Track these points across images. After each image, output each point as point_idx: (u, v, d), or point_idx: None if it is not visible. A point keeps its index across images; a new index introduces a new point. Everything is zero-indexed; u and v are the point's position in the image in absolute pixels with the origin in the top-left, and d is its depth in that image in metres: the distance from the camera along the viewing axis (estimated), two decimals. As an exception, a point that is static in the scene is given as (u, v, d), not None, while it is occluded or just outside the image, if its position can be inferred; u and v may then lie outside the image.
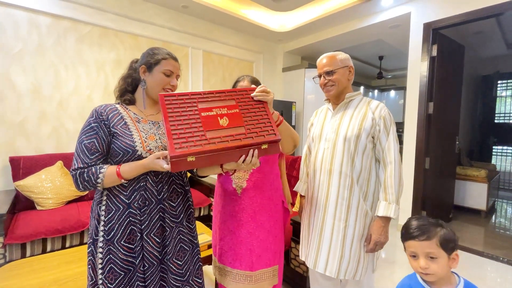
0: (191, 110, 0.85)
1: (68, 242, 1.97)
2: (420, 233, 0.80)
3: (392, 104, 6.35)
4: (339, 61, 1.19)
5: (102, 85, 2.73)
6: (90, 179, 0.85)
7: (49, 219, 1.94)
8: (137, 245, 0.90)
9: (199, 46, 3.46)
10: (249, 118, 0.89)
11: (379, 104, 1.17)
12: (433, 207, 2.97)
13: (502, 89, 5.11)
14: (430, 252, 0.79)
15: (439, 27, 2.72)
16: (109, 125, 0.90)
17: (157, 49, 0.99)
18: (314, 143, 1.29)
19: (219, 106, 0.88)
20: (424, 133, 2.82)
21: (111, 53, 2.77)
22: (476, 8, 2.46)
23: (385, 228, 1.11)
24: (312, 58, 4.90)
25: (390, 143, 1.12)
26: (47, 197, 2.15)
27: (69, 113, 2.56)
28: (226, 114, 0.87)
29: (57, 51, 2.46)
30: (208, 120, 0.84)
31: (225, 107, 0.88)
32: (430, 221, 0.84)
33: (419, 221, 0.84)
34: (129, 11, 2.82)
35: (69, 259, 1.51)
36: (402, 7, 2.95)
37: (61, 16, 2.45)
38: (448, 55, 2.96)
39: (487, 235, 3.01)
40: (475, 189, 3.56)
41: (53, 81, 2.46)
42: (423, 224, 0.82)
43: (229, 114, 0.88)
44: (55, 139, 2.51)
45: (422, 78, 2.81)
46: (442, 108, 2.93)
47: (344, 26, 3.55)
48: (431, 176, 2.90)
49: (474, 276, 2.11)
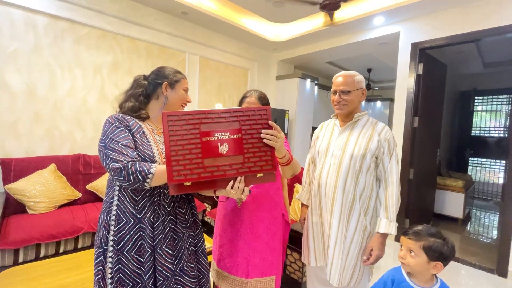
0: (192, 133, 0.83)
1: (62, 248, 1.94)
2: (411, 233, 0.99)
3: (378, 114, 6.64)
4: (356, 82, 1.23)
5: (98, 88, 2.71)
6: (143, 170, 0.83)
7: (42, 224, 1.91)
8: (147, 260, 0.91)
9: (196, 52, 3.49)
10: (250, 145, 0.88)
11: (384, 127, 1.25)
12: (415, 215, 3.15)
13: (478, 105, 5.48)
14: (412, 249, 0.97)
15: (425, 48, 2.92)
16: (131, 131, 0.93)
17: (168, 68, 1.06)
18: (320, 157, 1.34)
19: (221, 130, 0.86)
20: (409, 145, 3.00)
21: (108, 56, 2.75)
22: (458, 33, 2.67)
23: (384, 243, 1.19)
24: (304, 67, 5.05)
25: (393, 165, 1.20)
26: (40, 200, 2.11)
27: (64, 114, 2.52)
28: (227, 140, 0.86)
29: (54, 51, 2.42)
30: (208, 146, 0.84)
31: (228, 131, 0.86)
32: (430, 231, 0.97)
33: (421, 227, 0.99)
34: (129, 15, 2.82)
35: (68, 266, 1.50)
36: (392, 26, 3.13)
37: (59, 16, 2.42)
38: (432, 73, 3.17)
39: (462, 241, 3.23)
40: (453, 198, 3.81)
41: (48, 82, 2.41)
42: (420, 230, 0.98)
43: (230, 140, 0.86)
44: (49, 141, 2.45)
45: (409, 93, 3.00)
46: (426, 122, 3.13)
47: (337, 40, 3.70)
48: (414, 186, 3.08)
49: (450, 280, 2.28)
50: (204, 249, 1.11)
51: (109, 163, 0.84)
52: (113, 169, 0.82)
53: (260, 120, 0.91)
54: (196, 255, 1.07)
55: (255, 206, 1.24)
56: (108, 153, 0.85)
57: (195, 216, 1.09)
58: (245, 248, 1.22)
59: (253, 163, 0.89)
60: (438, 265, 0.94)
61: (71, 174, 2.41)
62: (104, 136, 0.90)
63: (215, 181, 0.87)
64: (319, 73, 5.52)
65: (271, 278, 1.25)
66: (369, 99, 6.75)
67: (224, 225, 1.30)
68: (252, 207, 1.24)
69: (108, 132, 0.90)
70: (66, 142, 2.56)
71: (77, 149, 2.61)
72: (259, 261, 1.21)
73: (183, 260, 0.98)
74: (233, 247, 1.25)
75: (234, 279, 1.23)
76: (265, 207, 1.25)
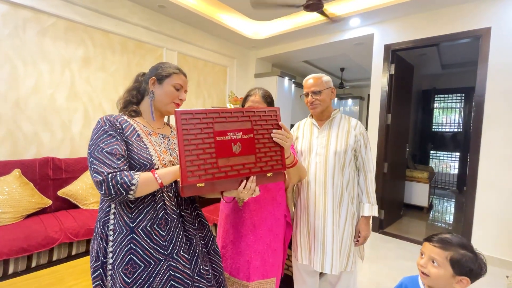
0: (206, 132, 0.82)
1: (35, 262, 1.76)
2: (437, 240, 0.86)
3: (349, 111, 6.98)
4: (324, 82, 1.35)
5: (67, 84, 2.47)
6: (124, 181, 0.76)
7: (9, 237, 1.70)
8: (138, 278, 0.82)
9: (174, 47, 3.35)
10: (261, 145, 0.90)
11: (357, 122, 1.38)
12: (389, 205, 3.40)
13: (437, 103, 6.03)
14: (435, 258, 0.84)
15: (396, 49, 3.13)
16: (123, 135, 0.87)
17: (167, 63, 1.01)
18: (304, 157, 1.41)
19: (235, 130, 0.86)
20: (383, 141, 3.20)
21: (79, 50, 2.53)
22: (425, 37, 2.90)
23: (369, 225, 1.35)
24: (282, 66, 5.11)
25: (369, 155, 1.36)
26: (4, 211, 1.88)
27: (28, 114, 2.26)
28: (240, 140, 0.86)
29: (14, 43, 2.16)
30: (222, 146, 0.83)
31: (241, 130, 0.87)
32: (461, 242, 0.84)
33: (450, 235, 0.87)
34: (101, 6, 2.61)
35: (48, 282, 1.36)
36: (367, 28, 3.30)
37: (20, 4, 2.16)
38: (402, 73, 3.41)
39: (427, 227, 3.55)
40: (420, 188, 4.15)
41: (8, 77, 2.14)
42: (449, 238, 0.85)
43: (243, 139, 0.87)
44: (10, 144, 2.19)
45: (383, 92, 3.19)
46: (397, 119, 3.36)
47: (314, 39, 3.80)
48: (388, 179, 3.30)
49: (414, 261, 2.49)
50: (216, 247, 1.07)
51: (92, 174, 0.78)
52: (95, 182, 0.77)
53: (271, 121, 0.93)
54: (209, 255, 1.03)
55: (256, 206, 1.24)
56: (92, 162, 0.80)
57: (201, 216, 1.06)
58: (246, 250, 1.21)
59: (264, 162, 0.90)
60: (464, 280, 0.80)
61: (39, 179, 2.18)
62: (91, 141, 0.84)
63: (227, 182, 0.85)
64: (295, 72, 5.63)
65: (272, 280, 1.25)
66: (341, 97, 7.06)
67: (226, 226, 1.28)
68: (254, 207, 1.23)
69: (95, 136, 0.84)
70: (31, 144, 2.30)
71: (45, 152, 2.37)
72: (260, 263, 1.21)
73: (199, 264, 0.94)
74: (234, 249, 1.23)
75: (236, 282, 1.22)
76: (267, 207, 1.25)
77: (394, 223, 3.58)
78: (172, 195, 0.93)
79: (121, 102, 1.00)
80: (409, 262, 2.51)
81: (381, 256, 2.63)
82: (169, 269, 0.85)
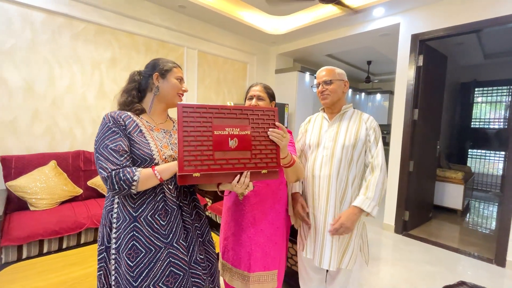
0: (205, 126, 0.86)
1: (65, 243, 1.96)
2: None
3: (378, 107, 6.62)
4: (337, 74, 1.32)
5: (97, 84, 2.69)
6: (127, 178, 0.83)
7: (45, 220, 1.92)
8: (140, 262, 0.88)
9: (195, 46, 3.46)
10: (257, 142, 0.93)
11: (369, 117, 1.33)
12: (415, 207, 3.18)
13: (478, 96, 5.47)
14: None
15: (425, 39, 2.90)
16: (126, 131, 0.92)
17: (163, 59, 1.05)
18: (312, 150, 1.38)
19: (232, 126, 0.90)
20: (409, 138, 3.00)
21: (107, 52, 2.73)
22: (459, 24, 2.64)
23: (355, 217, 1.22)
24: (304, 61, 5.01)
25: (379, 150, 1.27)
26: (41, 197, 2.12)
27: (63, 111, 2.51)
28: (237, 136, 0.90)
29: (51, 47, 2.40)
30: (219, 139, 0.87)
31: (238, 127, 0.91)
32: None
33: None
34: (126, 9, 2.79)
35: (72, 261, 1.52)
36: (392, 17, 3.10)
37: (55, 12, 2.39)
38: (433, 65, 3.15)
39: (462, 232, 3.26)
40: (453, 190, 3.83)
41: (46, 78, 2.40)
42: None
43: (240, 135, 0.90)
44: (49, 138, 2.45)
45: (409, 86, 2.99)
46: (426, 114, 3.13)
47: (336, 32, 3.67)
48: (414, 178, 3.09)
49: (449, 270, 2.31)
50: (210, 238, 1.12)
51: (98, 170, 0.86)
52: (101, 177, 0.85)
53: (268, 120, 0.96)
54: (204, 245, 1.08)
55: (257, 199, 1.25)
56: (98, 158, 0.86)
57: (198, 207, 1.10)
58: (247, 241, 1.23)
59: (259, 159, 0.93)
60: None
61: (72, 170, 2.42)
62: (97, 136, 0.90)
63: (222, 174, 0.89)
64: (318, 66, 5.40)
65: (273, 272, 1.26)
66: (368, 92, 6.73)
67: (228, 218, 1.32)
68: (254, 200, 1.25)
69: (101, 132, 0.89)
70: (67, 139, 2.56)
71: (78, 145, 2.61)
72: (261, 255, 1.23)
73: (196, 252, 1.00)
74: (235, 240, 1.26)
75: (237, 272, 1.26)
76: (268, 201, 1.26)
77: (421, 226, 3.35)
78: (173, 187, 0.97)
79: (121, 104, 1.01)
80: (432, 267, 2.35)
81: (402, 259, 2.49)
82: (169, 256, 0.91)
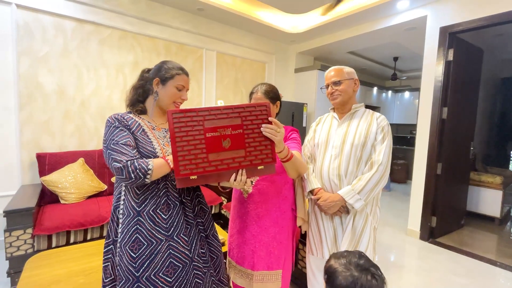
0: (197, 129, 0.87)
1: (90, 235, 2.10)
2: None
3: (407, 105, 6.25)
4: (346, 73, 1.30)
5: (120, 86, 2.86)
6: (141, 167, 0.86)
7: (72, 213, 2.08)
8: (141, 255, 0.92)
9: (213, 47, 3.53)
10: (251, 140, 0.92)
11: (381, 116, 1.30)
12: (444, 212, 2.95)
13: (523, 93, 4.93)
14: None
15: (455, 31, 2.68)
16: (130, 130, 0.96)
17: (170, 63, 1.05)
18: (320, 150, 1.36)
19: (224, 126, 0.90)
20: (437, 138, 2.80)
21: (130, 55, 2.89)
22: (496, 13, 2.40)
23: (335, 204, 1.22)
24: (325, 59, 4.89)
25: (383, 148, 1.23)
26: (70, 192, 2.30)
27: (91, 112, 2.70)
28: (230, 135, 0.90)
29: (80, 53, 2.60)
30: (212, 141, 0.88)
31: (230, 127, 0.90)
32: None
33: None
34: (148, 15, 2.93)
35: (92, 252, 1.62)
36: (418, 10, 2.91)
37: (84, 20, 2.58)
38: (465, 59, 2.90)
39: (500, 243, 2.96)
40: (489, 195, 3.49)
41: (76, 82, 2.60)
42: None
43: (233, 135, 0.90)
44: (78, 137, 2.66)
45: (437, 82, 2.78)
46: (456, 113, 2.89)
47: (358, 28, 3.52)
48: (442, 181, 2.87)
49: (483, 284, 2.11)
50: (215, 232, 1.14)
51: (111, 163, 0.87)
52: (115, 169, 0.86)
53: (261, 116, 0.95)
54: (207, 239, 1.10)
55: (261, 198, 1.25)
56: (110, 153, 0.88)
57: (202, 203, 1.12)
58: (251, 240, 1.24)
59: (254, 156, 0.93)
60: None
61: (98, 167, 2.59)
62: (105, 136, 0.94)
63: (219, 174, 0.91)
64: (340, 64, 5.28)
65: (277, 272, 1.25)
66: (396, 90, 6.38)
67: (233, 216, 1.34)
68: (258, 199, 1.24)
69: (108, 132, 0.93)
70: (93, 137, 2.74)
71: (103, 144, 2.79)
72: (265, 254, 1.22)
73: (198, 246, 1.03)
74: (240, 238, 1.27)
75: (241, 270, 1.26)
76: (272, 200, 1.25)
77: (451, 233, 3.10)
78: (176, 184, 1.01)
79: (128, 100, 1.06)
80: (461, 279, 2.16)
81: (427, 268, 2.33)
82: (169, 248, 0.95)
